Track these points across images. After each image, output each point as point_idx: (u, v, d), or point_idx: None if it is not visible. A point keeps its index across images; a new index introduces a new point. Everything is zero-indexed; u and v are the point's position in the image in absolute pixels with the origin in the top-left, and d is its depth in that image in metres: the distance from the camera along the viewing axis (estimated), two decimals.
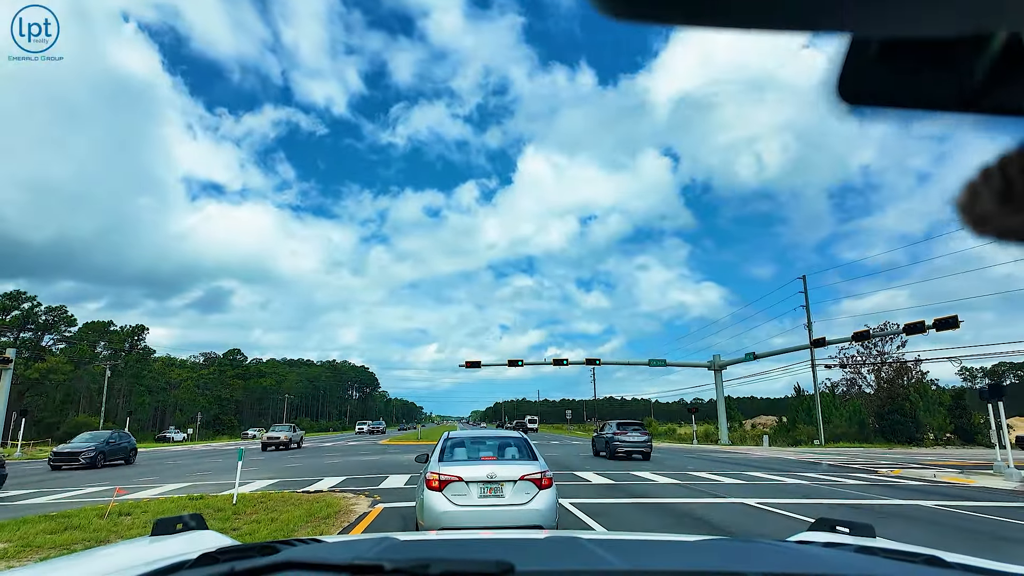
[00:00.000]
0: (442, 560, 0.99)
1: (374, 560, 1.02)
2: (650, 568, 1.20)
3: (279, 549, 1.41)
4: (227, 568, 1.05)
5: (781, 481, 16.82)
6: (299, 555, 1.33)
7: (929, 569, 1.33)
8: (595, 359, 55.09)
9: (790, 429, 50.08)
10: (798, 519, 10.19)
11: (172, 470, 23.23)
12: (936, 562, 1.38)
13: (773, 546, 1.64)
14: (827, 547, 1.65)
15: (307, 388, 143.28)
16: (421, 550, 1.56)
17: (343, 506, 11.53)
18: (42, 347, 74.79)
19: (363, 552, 1.39)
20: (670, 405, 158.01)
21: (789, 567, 1.28)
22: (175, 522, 1.99)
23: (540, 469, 7.17)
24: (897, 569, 1.30)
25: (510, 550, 1.53)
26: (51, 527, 9.31)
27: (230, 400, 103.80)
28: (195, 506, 11.60)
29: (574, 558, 1.40)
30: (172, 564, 1.30)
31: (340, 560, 1.08)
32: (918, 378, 48.42)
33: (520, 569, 1.01)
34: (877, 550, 1.52)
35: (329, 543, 1.66)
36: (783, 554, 1.50)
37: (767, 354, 48.96)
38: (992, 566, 1.41)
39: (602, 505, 11.82)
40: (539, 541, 1.72)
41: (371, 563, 1.01)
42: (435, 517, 6.72)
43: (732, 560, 1.45)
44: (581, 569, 1.18)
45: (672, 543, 1.75)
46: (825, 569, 1.25)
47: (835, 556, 1.47)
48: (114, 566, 1.43)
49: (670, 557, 1.50)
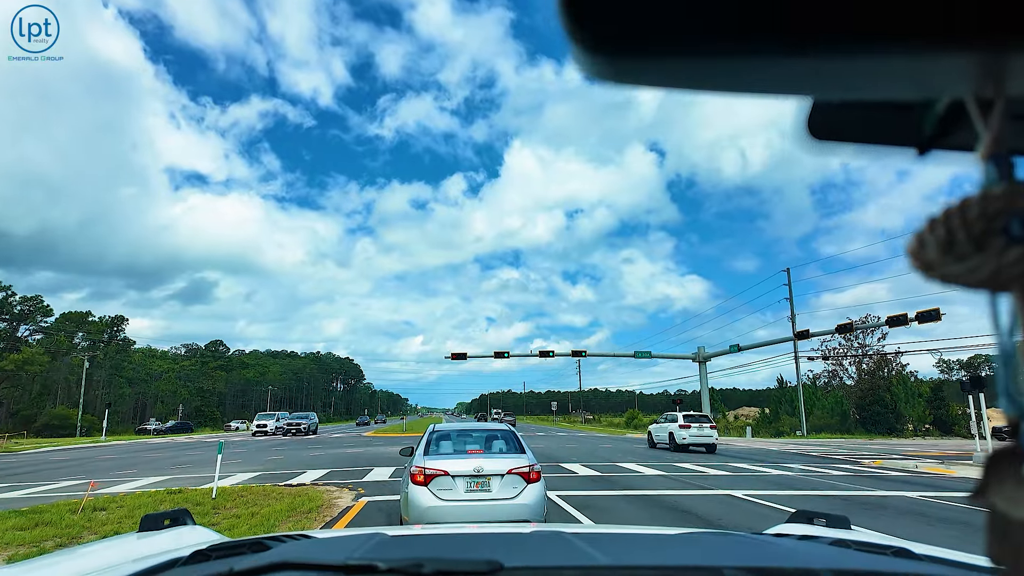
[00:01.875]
0: (435, 560, 1.02)
1: (368, 560, 1.04)
2: (631, 563, 1.23)
3: (270, 546, 1.43)
4: (226, 568, 1.05)
5: (766, 472, 16.90)
6: (293, 554, 1.33)
7: (897, 560, 1.38)
8: (581, 351, 55.05)
9: (773, 420, 50.73)
10: (783, 510, 10.19)
11: (151, 463, 22.81)
12: (905, 554, 1.44)
13: (750, 539, 1.68)
14: (802, 540, 1.70)
15: (291, 380, 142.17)
16: (411, 546, 1.60)
17: (326, 500, 11.32)
18: (17, 337, 73.28)
19: (354, 548, 1.39)
20: (654, 396, 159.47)
21: (763, 560, 1.31)
22: (162, 518, 2.00)
23: (528, 463, 7.02)
24: (866, 560, 1.35)
25: (497, 546, 1.58)
26: (21, 523, 8.99)
27: (212, 392, 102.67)
28: (173, 500, 11.32)
29: (559, 554, 1.43)
30: (166, 561, 1.30)
31: (335, 560, 1.09)
32: (898, 370, 49.19)
33: (508, 566, 1.04)
34: (850, 542, 1.59)
35: (318, 539, 1.68)
36: (759, 547, 1.54)
37: (751, 346, 49.38)
38: (959, 557, 1.47)
39: (589, 497, 11.74)
40: (524, 536, 1.79)
41: (366, 563, 1.03)
42: (420, 512, 6.54)
43: (709, 554, 1.47)
44: (565, 565, 1.21)
45: (653, 536, 1.82)
46: (797, 562, 1.29)
47: (808, 549, 1.51)
48: (103, 563, 1.42)
49: (650, 552, 1.53)
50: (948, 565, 1.38)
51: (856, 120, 0.52)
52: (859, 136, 0.52)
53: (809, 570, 1.17)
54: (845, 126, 0.52)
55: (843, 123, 0.52)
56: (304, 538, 1.64)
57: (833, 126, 0.51)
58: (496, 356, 50.97)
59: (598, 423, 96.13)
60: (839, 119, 0.51)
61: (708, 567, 1.14)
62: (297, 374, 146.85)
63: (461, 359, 50.21)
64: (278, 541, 1.51)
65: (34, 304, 74.81)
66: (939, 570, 1.27)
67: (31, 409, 67.31)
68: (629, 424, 75.08)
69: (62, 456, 28.87)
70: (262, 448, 30.90)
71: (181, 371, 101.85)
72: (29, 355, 66.60)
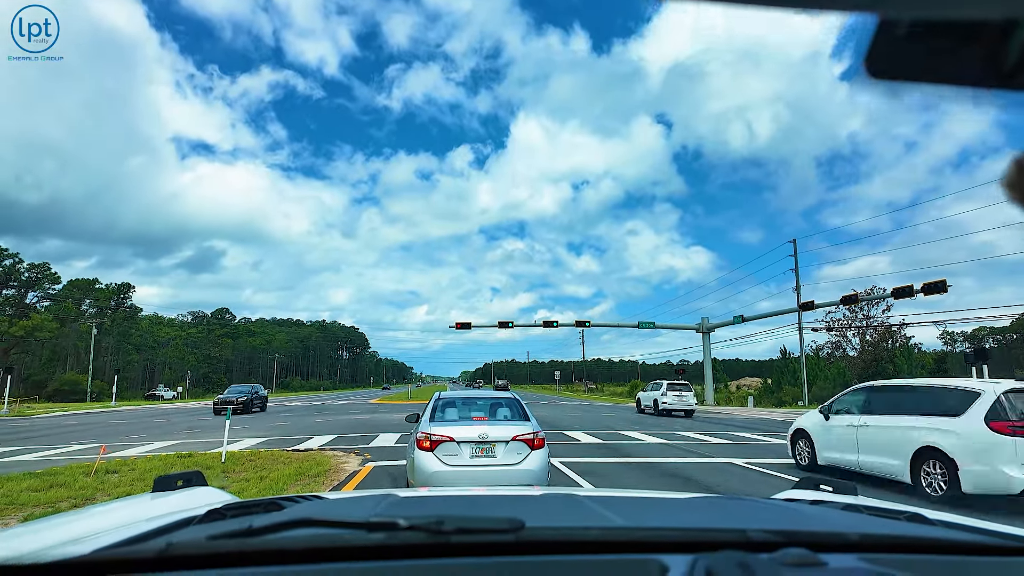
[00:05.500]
0: (455, 518, 1.01)
1: (388, 517, 1.02)
2: (654, 525, 1.20)
3: (284, 506, 1.43)
4: (246, 524, 1.04)
5: (767, 441, 17.07)
6: (311, 511, 1.33)
7: (914, 525, 1.37)
8: (585, 321, 55.20)
9: (775, 390, 50.97)
10: (785, 478, 10.31)
11: (161, 428, 23.21)
12: (918, 519, 1.43)
13: (765, 503, 1.67)
14: (813, 505, 1.69)
15: (297, 348, 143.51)
16: (424, 507, 1.59)
17: (333, 464, 11.51)
18: (26, 304, 73.89)
19: (368, 509, 1.39)
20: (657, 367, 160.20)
21: (784, 523, 1.30)
22: (176, 479, 2.02)
23: (532, 430, 7.09)
24: (884, 526, 1.33)
25: (513, 506, 1.56)
26: (36, 484, 9.19)
27: (219, 359, 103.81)
28: (183, 464, 11.54)
29: (577, 515, 1.40)
30: (182, 519, 1.31)
31: (355, 517, 1.07)
32: (902, 342, 49.21)
33: (530, 525, 1.02)
34: (862, 507, 1.58)
35: (331, 500, 1.69)
36: (776, 511, 1.53)
37: (755, 317, 49.36)
38: (971, 523, 1.46)
39: (591, 464, 11.90)
40: (538, 498, 1.77)
41: (386, 520, 1.01)
42: (426, 477, 6.65)
43: (730, 517, 1.46)
44: (589, 526, 1.17)
45: (666, 500, 1.79)
46: (822, 526, 1.28)
47: (824, 513, 1.51)
48: (119, 521, 1.43)
49: (668, 515, 1.51)
50: (962, 530, 1.36)
51: (924, 51, 0.45)
52: (928, 72, 0.45)
53: (836, 533, 1.14)
54: (912, 59, 0.45)
55: (909, 55, 0.45)
56: (317, 499, 1.64)
57: (898, 60, 0.45)
58: (500, 326, 51.16)
59: (601, 392, 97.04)
60: (905, 51, 0.45)
61: (733, 529, 1.11)
62: (303, 342, 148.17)
63: (465, 329, 50.42)
64: (291, 502, 1.52)
65: (41, 271, 75.21)
66: (957, 534, 1.25)
67: (42, 375, 68.35)
68: (631, 394, 75.73)
69: (73, 420, 29.41)
70: (270, 413, 31.40)
71: (188, 338, 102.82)
72: (38, 321, 67.30)
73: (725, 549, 0.92)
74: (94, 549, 1.01)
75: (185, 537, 1.01)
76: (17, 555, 1.02)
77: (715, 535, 1.09)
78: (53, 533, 1.30)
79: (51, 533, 1.31)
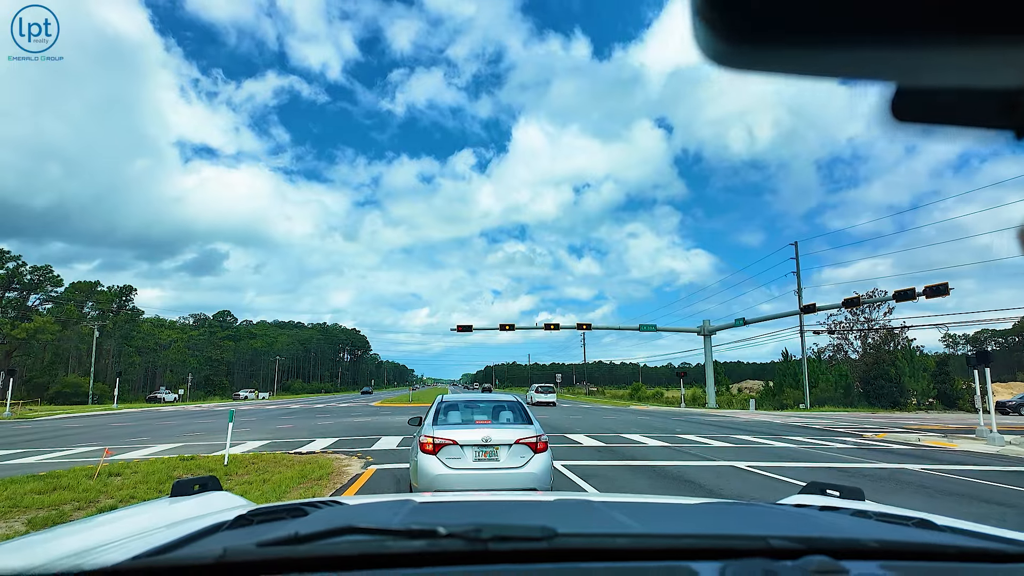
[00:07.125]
0: (492, 526, 1.03)
1: (428, 526, 1.05)
2: (676, 532, 1.21)
3: (307, 512, 1.44)
4: (291, 532, 1.06)
5: (769, 444, 17.05)
6: (345, 518, 1.34)
7: (922, 531, 1.37)
8: (586, 324, 55.10)
9: (776, 393, 50.90)
10: (788, 482, 10.30)
11: (163, 431, 23.22)
12: (927, 525, 1.43)
13: (778, 509, 1.65)
14: (823, 511, 1.68)
15: (298, 350, 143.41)
16: (443, 512, 1.58)
17: (336, 467, 11.51)
18: (28, 307, 73.98)
19: (392, 515, 1.40)
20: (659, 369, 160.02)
21: (802, 530, 1.30)
22: (192, 483, 2.06)
23: (535, 433, 7.09)
24: (893, 532, 1.33)
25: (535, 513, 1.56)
26: (39, 487, 9.20)
27: (221, 361, 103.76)
28: (186, 467, 11.54)
29: (599, 522, 1.41)
30: (211, 525, 1.32)
31: (395, 525, 1.10)
32: (904, 344, 49.11)
33: (562, 532, 1.03)
34: (871, 513, 1.57)
35: (351, 505, 1.70)
36: (790, 517, 1.52)
37: (757, 320, 49.35)
38: (979, 528, 1.45)
39: (594, 467, 11.89)
40: (554, 504, 1.75)
41: (427, 528, 1.04)
42: (429, 480, 6.65)
43: (748, 524, 1.45)
44: (618, 533, 1.19)
45: (679, 506, 1.77)
46: (838, 533, 1.28)
47: (835, 520, 1.50)
48: (141, 527, 1.45)
49: (686, 521, 1.50)
50: (969, 536, 1.35)
51: (948, 102, 0.46)
52: (950, 118, 0.47)
53: (855, 540, 1.14)
54: (935, 108, 0.47)
55: (933, 105, 0.47)
56: (337, 504, 1.65)
57: (922, 108, 0.47)
58: (502, 328, 51.15)
59: (602, 395, 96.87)
60: (929, 101, 0.46)
61: (755, 536, 1.11)
62: (304, 344, 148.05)
63: (467, 331, 50.46)
64: (314, 507, 1.52)
65: (43, 274, 75.27)
66: (966, 541, 1.26)
67: (44, 377, 68.35)
68: (633, 396, 75.64)
69: (76, 423, 29.42)
70: (272, 416, 31.40)
71: (189, 341, 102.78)
72: (40, 324, 67.31)
73: (748, 556, 0.92)
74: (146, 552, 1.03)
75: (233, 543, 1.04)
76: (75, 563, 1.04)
77: (738, 542, 1.09)
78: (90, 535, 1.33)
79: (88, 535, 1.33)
